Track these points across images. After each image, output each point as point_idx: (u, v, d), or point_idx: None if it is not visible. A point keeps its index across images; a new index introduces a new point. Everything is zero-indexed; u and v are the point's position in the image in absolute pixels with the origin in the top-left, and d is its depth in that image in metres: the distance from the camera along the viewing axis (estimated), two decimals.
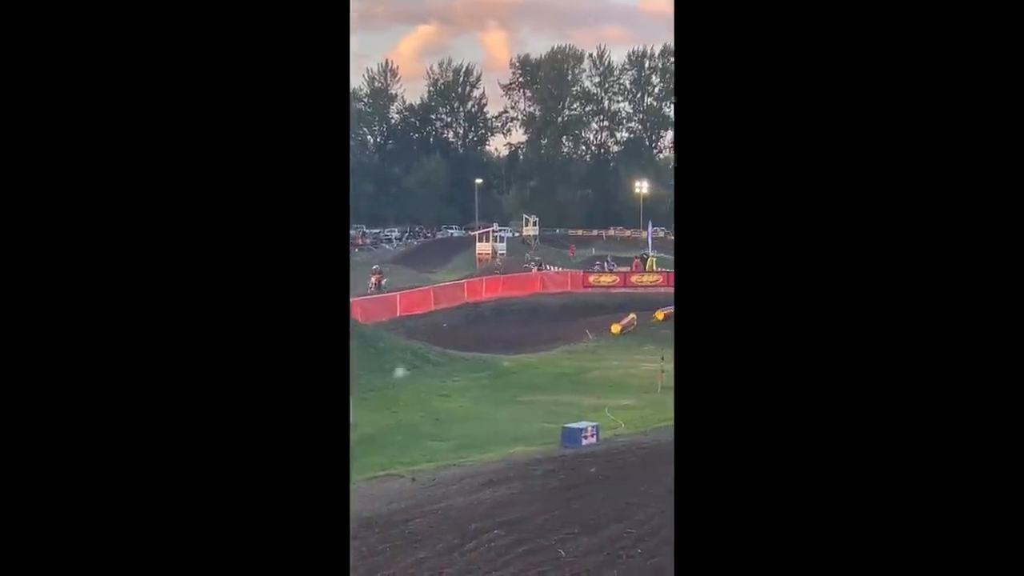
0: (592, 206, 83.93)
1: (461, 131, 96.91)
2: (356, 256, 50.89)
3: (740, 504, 2.74)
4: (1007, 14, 2.65)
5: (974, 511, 2.66)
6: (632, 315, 31.20)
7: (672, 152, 79.76)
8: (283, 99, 2.76)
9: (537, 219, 65.22)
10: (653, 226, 56.45)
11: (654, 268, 44.17)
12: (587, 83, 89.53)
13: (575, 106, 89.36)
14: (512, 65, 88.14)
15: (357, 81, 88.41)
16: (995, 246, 2.67)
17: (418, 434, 16.57)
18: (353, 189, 3.97)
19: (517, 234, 62.70)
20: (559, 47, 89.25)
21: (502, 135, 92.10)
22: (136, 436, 2.70)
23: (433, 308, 34.40)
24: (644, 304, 33.28)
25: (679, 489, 2.81)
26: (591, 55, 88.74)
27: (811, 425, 2.72)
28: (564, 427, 13.56)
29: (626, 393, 20.36)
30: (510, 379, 22.29)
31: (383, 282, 38.57)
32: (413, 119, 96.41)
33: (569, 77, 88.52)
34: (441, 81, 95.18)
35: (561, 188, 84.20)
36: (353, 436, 9.11)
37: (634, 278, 41.31)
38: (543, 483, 10.66)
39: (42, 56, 2.69)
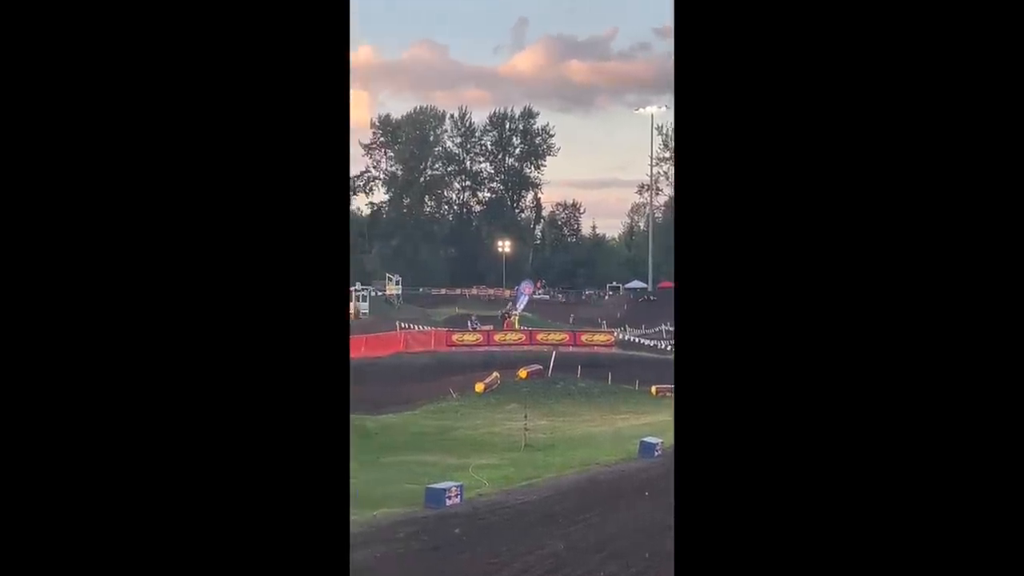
0: (455, 265, 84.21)
1: None
2: None
3: (740, 511, 2.74)
4: (1007, 14, 2.68)
5: (973, 509, 2.67)
6: (496, 373, 31.34)
7: (533, 212, 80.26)
8: (283, 102, 2.78)
9: (400, 278, 65.00)
10: (518, 284, 57.05)
11: (515, 327, 44.58)
12: (449, 143, 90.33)
13: (437, 166, 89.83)
14: (373, 125, 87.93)
15: None
16: (993, 243, 2.68)
17: None
18: None
19: (380, 293, 62.31)
20: (420, 107, 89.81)
21: (364, 194, 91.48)
22: (136, 438, 2.66)
23: None
24: (508, 362, 33.50)
25: (680, 493, 2.80)
26: (452, 116, 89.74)
27: (811, 430, 2.73)
28: (427, 487, 13.45)
29: (490, 452, 20.38)
30: (373, 440, 21.99)
31: None
32: None
33: (431, 137, 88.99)
34: None
35: (424, 247, 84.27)
36: None
37: (497, 337, 41.54)
38: (406, 545, 10.53)
39: (42, 56, 2.65)
